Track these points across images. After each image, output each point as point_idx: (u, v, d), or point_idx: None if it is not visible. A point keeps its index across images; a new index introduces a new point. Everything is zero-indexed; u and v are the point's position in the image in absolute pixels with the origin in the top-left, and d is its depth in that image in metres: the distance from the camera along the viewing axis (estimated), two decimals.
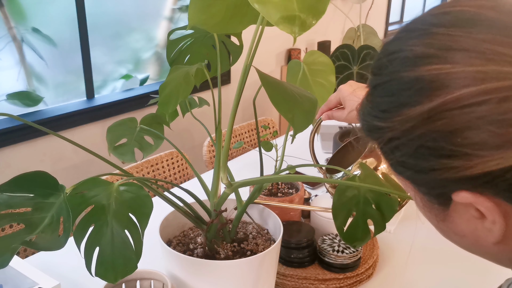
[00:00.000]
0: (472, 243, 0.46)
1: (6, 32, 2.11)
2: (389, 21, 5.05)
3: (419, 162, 0.42)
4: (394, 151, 0.43)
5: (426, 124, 0.40)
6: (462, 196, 0.40)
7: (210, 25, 0.78)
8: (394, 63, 0.43)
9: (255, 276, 0.87)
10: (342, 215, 0.83)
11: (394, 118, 0.42)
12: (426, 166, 0.41)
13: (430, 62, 0.40)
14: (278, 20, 0.64)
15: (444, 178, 0.41)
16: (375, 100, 0.45)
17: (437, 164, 0.40)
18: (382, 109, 0.43)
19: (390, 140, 0.43)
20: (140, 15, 2.65)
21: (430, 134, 0.40)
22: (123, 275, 0.67)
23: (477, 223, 0.43)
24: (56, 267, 1.16)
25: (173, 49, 1.01)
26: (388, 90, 0.43)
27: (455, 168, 0.39)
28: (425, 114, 0.40)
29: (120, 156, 0.97)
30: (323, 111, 1.05)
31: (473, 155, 0.38)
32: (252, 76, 1.82)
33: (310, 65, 1.06)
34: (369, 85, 0.47)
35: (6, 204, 0.67)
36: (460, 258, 1.21)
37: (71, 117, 2.33)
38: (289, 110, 0.75)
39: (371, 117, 0.45)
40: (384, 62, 0.44)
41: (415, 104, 0.40)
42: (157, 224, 0.93)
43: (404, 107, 0.41)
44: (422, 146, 0.40)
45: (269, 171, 1.54)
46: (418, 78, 0.40)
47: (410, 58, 0.41)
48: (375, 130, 0.45)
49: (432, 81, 0.39)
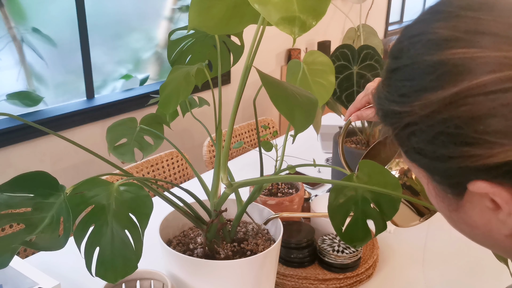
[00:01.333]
0: (483, 235, 0.45)
1: (6, 32, 2.11)
2: (389, 21, 5.05)
3: (437, 149, 0.41)
4: (411, 137, 0.42)
5: (448, 110, 0.39)
6: (479, 186, 0.40)
7: (209, 27, 0.78)
8: (417, 46, 0.42)
9: (255, 276, 0.87)
10: (339, 216, 0.82)
11: (414, 103, 0.41)
12: (444, 153, 0.40)
13: (455, 46, 0.39)
14: (278, 21, 0.64)
15: (462, 167, 0.40)
16: (394, 84, 0.44)
17: (457, 151, 0.39)
18: (401, 93, 0.42)
19: (407, 125, 0.42)
20: (140, 15, 2.65)
21: (451, 120, 0.39)
22: (123, 275, 0.67)
23: (491, 214, 0.42)
24: (56, 267, 1.16)
25: (174, 49, 1.01)
26: (409, 74, 0.42)
27: (475, 157, 0.38)
28: (447, 99, 0.39)
29: (120, 156, 0.97)
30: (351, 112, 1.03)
31: (496, 143, 0.37)
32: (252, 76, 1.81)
33: (309, 65, 1.06)
34: (386, 69, 0.45)
35: (6, 204, 0.67)
36: (460, 259, 1.21)
37: (71, 117, 2.33)
38: (289, 110, 0.75)
39: (387, 102, 0.44)
40: (406, 45, 0.43)
41: (437, 89, 0.39)
42: (157, 224, 0.93)
43: (425, 91, 0.40)
44: (442, 132, 0.39)
45: (269, 171, 1.54)
46: (442, 62, 0.39)
47: (434, 41, 0.40)
48: (392, 115, 0.44)
49: (457, 65, 0.38)
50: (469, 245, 1.25)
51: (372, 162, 0.84)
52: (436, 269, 1.17)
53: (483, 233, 0.45)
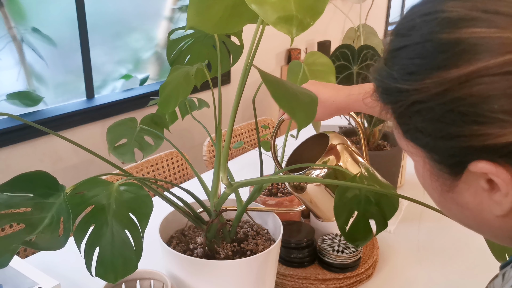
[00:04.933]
0: (473, 216, 0.46)
1: (6, 32, 2.11)
2: (389, 21, 5.05)
3: (444, 128, 0.41)
4: (415, 115, 0.42)
5: (462, 88, 0.39)
6: (481, 166, 0.40)
7: (208, 27, 0.78)
8: (431, 24, 0.41)
9: (255, 276, 0.87)
10: (344, 215, 0.83)
11: (424, 81, 0.40)
12: (452, 132, 0.40)
13: (473, 25, 0.39)
14: (275, 21, 0.63)
15: (467, 146, 0.40)
16: (400, 62, 0.43)
17: (466, 130, 0.39)
18: (409, 71, 0.42)
19: (414, 103, 0.42)
20: (140, 15, 2.65)
21: (465, 99, 0.39)
22: (123, 275, 0.67)
23: (484, 195, 0.42)
24: (56, 267, 1.16)
25: (174, 49, 1.01)
26: (420, 52, 0.41)
27: (485, 135, 0.39)
28: (462, 78, 0.38)
29: (120, 156, 0.97)
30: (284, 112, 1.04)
31: (508, 122, 0.37)
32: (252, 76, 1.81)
33: (310, 66, 1.06)
34: (391, 47, 0.45)
35: (6, 204, 0.67)
36: (460, 258, 1.21)
37: (71, 117, 2.33)
38: (291, 106, 0.75)
39: (391, 80, 0.44)
40: (418, 22, 0.42)
41: (452, 67, 0.39)
42: (157, 224, 0.93)
43: (438, 69, 0.40)
44: (452, 110, 0.39)
45: (269, 171, 1.54)
46: (458, 40, 0.39)
47: (451, 19, 0.40)
48: (395, 93, 0.43)
49: (474, 44, 0.38)
50: (469, 245, 1.25)
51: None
52: (436, 269, 1.17)
53: (473, 214, 0.45)
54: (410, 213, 1.41)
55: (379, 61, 0.47)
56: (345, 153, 0.94)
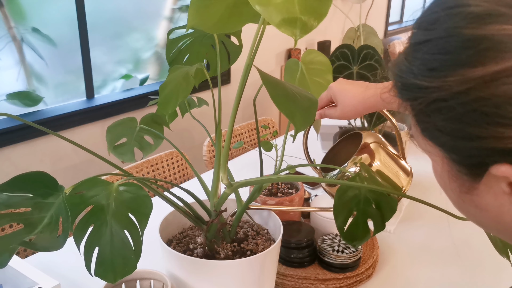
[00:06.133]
0: (492, 218, 0.44)
1: (6, 32, 2.11)
2: (389, 21, 5.05)
3: (465, 128, 0.39)
4: (435, 113, 0.41)
5: (487, 88, 0.37)
6: (504, 170, 0.38)
7: (208, 26, 0.78)
8: (456, 18, 0.39)
9: (255, 276, 0.87)
10: (343, 215, 0.83)
11: (447, 78, 0.39)
12: (474, 132, 0.38)
13: (500, 21, 0.37)
14: (279, 23, 0.63)
15: (489, 148, 0.38)
16: (422, 57, 0.41)
17: (489, 131, 0.38)
18: (430, 67, 0.40)
19: (434, 101, 0.40)
20: (140, 15, 2.65)
21: (489, 99, 0.37)
22: (122, 275, 0.67)
23: (505, 198, 0.41)
24: (56, 267, 1.16)
25: (173, 48, 1.01)
26: (443, 47, 0.39)
27: (509, 138, 0.37)
28: (487, 77, 0.37)
29: (119, 156, 0.97)
30: None
31: None
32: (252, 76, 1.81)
33: (308, 64, 1.06)
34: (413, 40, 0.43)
35: (5, 204, 0.67)
36: (460, 258, 1.21)
37: (71, 117, 2.33)
38: (290, 109, 0.75)
39: (411, 75, 0.42)
40: (441, 16, 0.40)
41: (477, 65, 0.37)
42: (157, 224, 0.93)
43: (462, 67, 0.38)
44: (476, 110, 0.38)
45: (269, 171, 1.54)
46: (484, 37, 0.37)
47: (478, 15, 0.38)
48: (415, 89, 0.41)
49: (501, 42, 0.37)
50: (469, 245, 1.25)
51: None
52: (436, 269, 1.17)
53: (492, 217, 0.44)
54: (410, 213, 1.41)
55: (399, 55, 0.45)
56: (380, 151, 0.94)
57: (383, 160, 0.93)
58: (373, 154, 0.93)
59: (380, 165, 0.93)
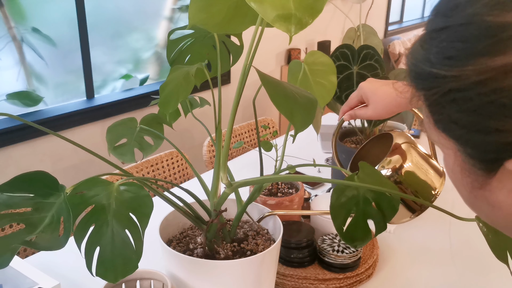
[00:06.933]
0: (504, 216, 0.42)
1: (6, 32, 2.11)
2: (389, 21, 5.06)
3: (481, 120, 0.37)
4: (451, 104, 0.39)
5: (507, 79, 0.35)
6: None
7: (210, 25, 0.78)
8: (477, 5, 0.37)
9: (255, 276, 0.87)
10: (341, 216, 0.82)
11: (465, 67, 0.37)
12: (491, 125, 0.37)
13: None
14: (274, 19, 0.63)
15: (507, 142, 0.37)
16: (439, 45, 0.39)
17: (507, 125, 0.36)
18: (448, 55, 0.38)
19: (450, 91, 0.38)
20: (140, 15, 2.65)
21: (509, 90, 0.35)
22: (123, 274, 0.67)
23: None
24: (56, 267, 1.16)
25: (174, 49, 1.01)
26: (462, 35, 0.37)
27: None
28: (508, 67, 0.35)
29: (120, 156, 0.97)
30: (344, 111, 1.02)
31: None
32: (252, 76, 1.81)
33: (310, 65, 1.06)
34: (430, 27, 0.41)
35: (6, 204, 0.67)
36: (460, 258, 1.21)
37: (71, 117, 2.34)
38: (289, 109, 0.75)
39: (427, 63, 0.40)
40: (461, 2, 0.38)
41: (497, 54, 0.35)
42: (157, 224, 0.93)
43: (481, 55, 0.36)
44: (493, 102, 0.36)
45: (269, 171, 1.54)
46: (506, 24, 0.35)
47: (500, 1, 0.36)
48: (431, 78, 0.39)
49: None
50: (469, 245, 1.25)
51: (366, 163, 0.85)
52: (436, 269, 1.17)
53: (505, 214, 0.42)
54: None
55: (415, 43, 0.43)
56: (412, 152, 0.93)
57: (414, 161, 0.92)
58: (405, 155, 0.91)
59: (412, 166, 0.92)
